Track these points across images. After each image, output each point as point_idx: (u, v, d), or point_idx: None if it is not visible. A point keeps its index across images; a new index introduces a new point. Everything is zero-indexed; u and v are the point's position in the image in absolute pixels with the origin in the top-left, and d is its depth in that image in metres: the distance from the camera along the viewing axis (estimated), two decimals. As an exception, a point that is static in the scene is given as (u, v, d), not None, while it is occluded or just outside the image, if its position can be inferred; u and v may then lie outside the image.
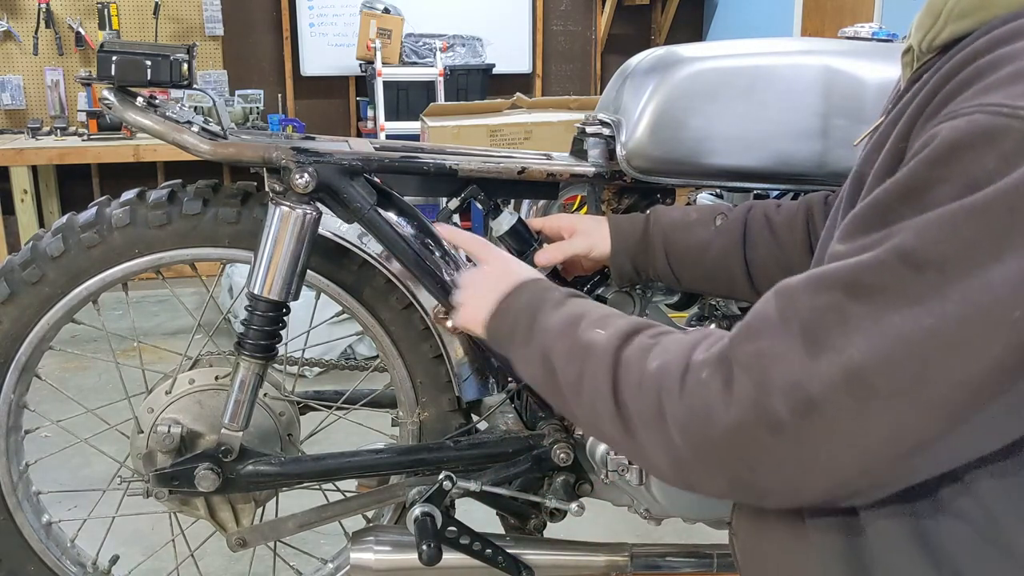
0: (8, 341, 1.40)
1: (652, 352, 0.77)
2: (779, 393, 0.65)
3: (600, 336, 0.82)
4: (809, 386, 0.64)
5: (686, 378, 0.71)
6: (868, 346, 0.62)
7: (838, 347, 0.63)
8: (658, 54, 1.42)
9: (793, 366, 0.65)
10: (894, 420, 0.63)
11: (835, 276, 0.66)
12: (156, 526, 1.99)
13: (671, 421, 0.72)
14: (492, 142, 3.55)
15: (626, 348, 0.79)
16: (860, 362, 0.62)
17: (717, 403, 0.68)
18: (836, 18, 4.26)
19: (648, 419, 0.74)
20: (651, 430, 0.74)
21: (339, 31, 5.19)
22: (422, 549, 1.28)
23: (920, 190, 0.64)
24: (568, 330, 0.86)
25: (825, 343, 0.64)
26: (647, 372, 0.75)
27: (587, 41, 5.69)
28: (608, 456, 1.31)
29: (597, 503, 1.46)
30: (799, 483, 0.68)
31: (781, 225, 1.22)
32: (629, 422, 0.76)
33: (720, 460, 0.70)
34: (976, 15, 0.72)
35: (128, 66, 1.23)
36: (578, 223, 1.32)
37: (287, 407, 1.48)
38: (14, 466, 1.48)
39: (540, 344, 0.89)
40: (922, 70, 0.80)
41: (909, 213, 0.64)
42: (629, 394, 0.76)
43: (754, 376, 0.67)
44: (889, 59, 1.35)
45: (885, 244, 0.64)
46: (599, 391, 0.79)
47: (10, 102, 4.81)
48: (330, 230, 1.40)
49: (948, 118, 0.65)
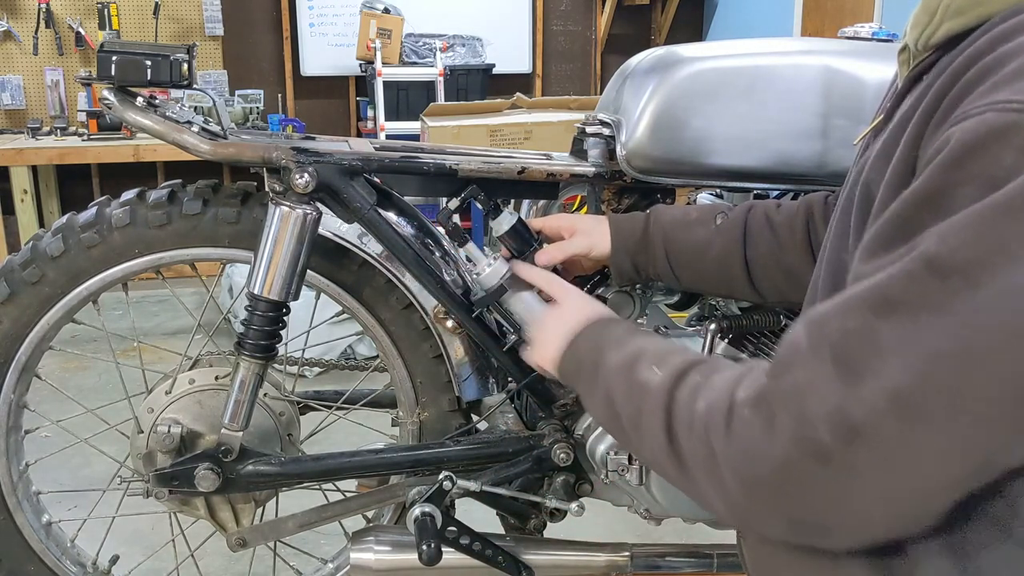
0: (8, 341, 1.40)
1: (701, 391, 0.76)
2: (821, 423, 0.63)
3: (656, 376, 0.82)
4: (851, 413, 0.62)
5: (731, 418, 0.70)
6: (905, 366, 0.60)
7: (875, 370, 0.61)
8: (658, 54, 1.42)
9: (830, 395, 0.63)
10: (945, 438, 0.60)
11: (861, 297, 0.65)
12: (156, 526, 1.99)
13: (722, 463, 0.70)
14: (492, 142, 3.55)
15: (679, 388, 0.78)
16: (900, 384, 0.60)
17: (762, 442, 0.67)
18: (836, 18, 4.26)
19: (701, 461, 0.73)
20: (705, 472, 0.73)
21: (339, 31, 5.19)
22: (422, 549, 1.28)
23: (939, 196, 0.63)
24: (627, 369, 0.86)
25: (860, 368, 0.62)
26: (696, 413, 0.74)
27: (587, 41, 5.69)
28: (608, 456, 1.31)
29: (597, 503, 1.46)
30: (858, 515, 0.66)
31: (781, 225, 1.22)
32: (684, 463, 0.76)
33: (774, 499, 0.68)
34: (973, 11, 0.72)
35: (128, 66, 1.23)
36: (578, 223, 1.32)
37: (287, 407, 1.48)
38: (14, 466, 1.48)
39: (604, 385, 0.90)
40: (919, 68, 0.80)
41: (930, 221, 0.62)
42: (682, 435, 0.76)
43: (792, 410, 0.65)
44: (889, 59, 1.34)
45: (908, 255, 0.62)
46: (654, 431, 0.79)
47: (10, 102, 4.81)
48: (330, 230, 1.40)
49: (958, 120, 0.65)
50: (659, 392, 0.80)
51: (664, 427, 0.78)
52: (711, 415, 0.72)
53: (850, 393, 0.62)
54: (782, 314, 1.41)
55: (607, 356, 0.91)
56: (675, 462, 0.77)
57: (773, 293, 1.25)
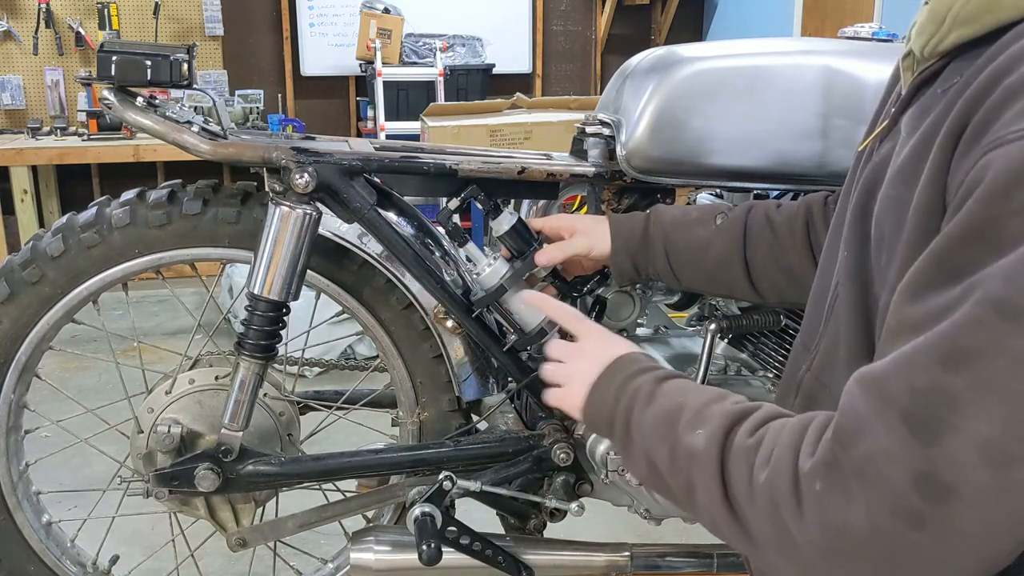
0: (8, 341, 1.40)
1: (757, 458, 0.73)
2: (908, 489, 0.61)
3: (700, 441, 0.78)
4: (940, 472, 0.60)
5: (801, 494, 0.68)
6: (989, 416, 0.59)
7: (955, 426, 0.60)
8: (658, 54, 1.42)
9: (911, 459, 0.61)
10: None
11: (924, 352, 0.62)
12: (156, 526, 1.99)
13: (800, 539, 0.68)
14: (492, 142, 3.55)
15: (729, 455, 0.76)
16: (987, 434, 0.59)
17: (844, 515, 0.64)
18: (836, 18, 4.26)
19: (771, 536, 0.70)
20: (778, 547, 0.70)
21: (339, 31, 5.19)
22: (422, 549, 1.28)
23: (989, 230, 0.61)
24: (667, 433, 0.83)
25: (939, 426, 0.60)
26: (757, 487, 0.71)
27: (587, 41, 5.69)
28: (608, 456, 1.31)
29: (597, 503, 1.46)
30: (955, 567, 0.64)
31: (781, 225, 1.22)
32: (751, 536, 0.73)
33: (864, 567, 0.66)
34: (982, 20, 0.71)
35: (128, 66, 1.23)
36: (578, 223, 1.32)
37: (287, 407, 1.48)
38: (14, 466, 1.48)
39: (642, 447, 0.86)
40: (925, 75, 0.79)
41: (984, 258, 0.61)
42: (745, 509, 0.73)
43: (872, 480, 0.63)
44: (889, 59, 1.35)
45: (971, 299, 0.60)
46: (714, 505, 0.76)
47: (10, 102, 4.81)
48: (330, 230, 1.40)
49: (992, 147, 0.63)
50: (708, 461, 0.76)
51: (723, 501, 0.75)
52: (775, 490, 0.69)
53: (934, 453, 0.60)
54: (782, 314, 1.42)
55: (639, 415, 0.88)
56: (741, 535, 0.74)
57: (773, 293, 1.25)
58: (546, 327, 1.31)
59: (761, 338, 1.48)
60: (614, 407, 0.91)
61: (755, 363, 1.50)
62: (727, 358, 1.53)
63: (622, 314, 1.48)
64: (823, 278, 0.97)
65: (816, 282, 1.00)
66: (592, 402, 0.95)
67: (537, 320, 1.32)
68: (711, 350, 1.36)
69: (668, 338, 1.58)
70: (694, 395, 0.85)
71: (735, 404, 0.81)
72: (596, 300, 1.45)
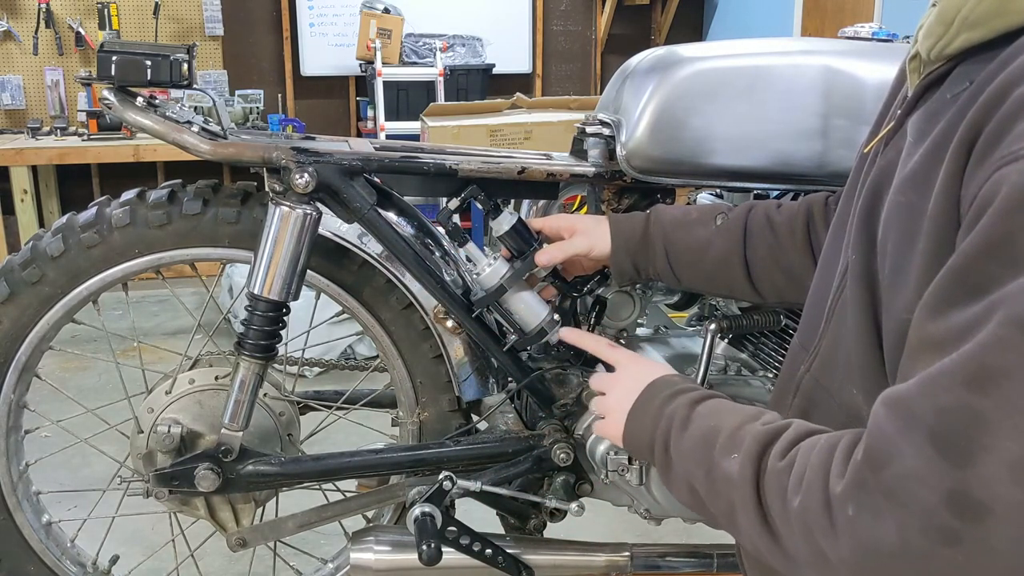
0: (8, 341, 1.40)
1: (789, 482, 0.74)
2: (941, 509, 0.62)
3: (735, 466, 0.80)
4: (972, 491, 0.60)
5: (834, 517, 0.69)
6: (1018, 435, 0.59)
7: (985, 445, 0.60)
8: (658, 54, 1.42)
9: (942, 480, 0.61)
10: None
11: (950, 373, 0.62)
12: (156, 526, 1.99)
13: (835, 561, 0.69)
14: (492, 142, 3.55)
15: (763, 479, 0.78)
16: (1018, 454, 0.59)
17: (878, 537, 0.65)
18: (836, 18, 4.26)
19: (808, 557, 0.72)
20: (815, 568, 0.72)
21: (339, 31, 5.19)
22: (422, 549, 1.28)
23: (1006, 246, 0.61)
24: (703, 459, 0.85)
25: (968, 446, 0.61)
26: (792, 511, 0.73)
27: (587, 41, 5.69)
28: (608, 456, 1.31)
29: (597, 503, 1.46)
30: None
31: (782, 225, 1.22)
32: (790, 557, 0.75)
33: None
34: (991, 24, 0.70)
35: (128, 66, 1.23)
36: (578, 223, 1.32)
37: (287, 407, 1.48)
38: (14, 466, 1.48)
39: (681, 472, 0.89)
40: (932, 77, 0.79)
41: (1003, 274, 0.61)
42: (783, 531, 0.75)
43: (904, 501, 0.64)
44: (889, 59, 1.35)
45: (994, 319, 0.60)
46: (752, 527, 0.78)
47: (10, 102, 4.81)
48: (330, 230, 1.40)
49: (1006, 162, 0.63)
50: (744, 487, 0.79)
51: (761, 525, 0.77)
52: (809, 514, 0.71)
53: (965, 474, 0.61)
54: (782, 314, 1.41)
55: (676, 439, 0.90)
56: (782, 557, 0.76)
57: (773, 293, 1.25)
58: (546, 327, 1.31)
59: (761, 338, 1.48)
60: (652, 432, 0.94)
61: (755, 363, 1.50)
62: (727, 358, 1.53)
63: (622, 314, 1.48)
64: (823, 278, 0.97)
65: (816, 282, 1.00)
66: (631, 430, 0.99)
67: (537, 320, 1.32)
68: (711, 350, 1.36)
69: (668, 338, 1.58)
70: (728, 417, 0.87)
71: (765, 425, 0.83)
72: (596, 300, 1.45)
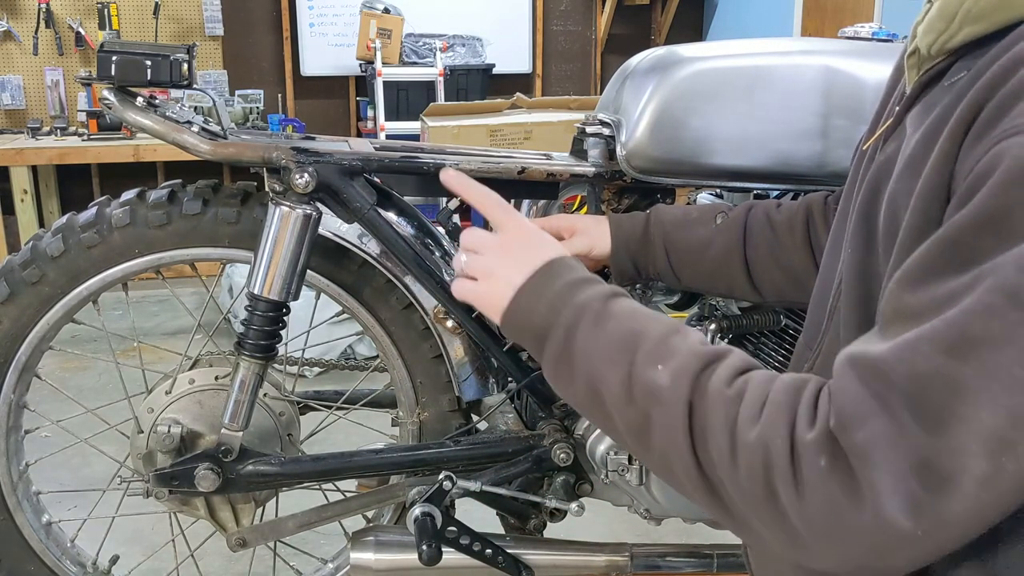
0: (8, 341, 1.40)
1: (741, 412, 0.69)
2: (911, 476, 0.60)
3: (664, 379, 0.73)
4: (941, 461, 0.59)
5: (799, 465, 0.65)
6: (995, 405, 0.58)
7: (962, 415, 0.58)
8: (658, 54, 1.42)
9: (915, 446, 0.60)
10: None
11: (928, 338, 0.61)
12: (156, 526, 1.99)
13: (792, 512, 0.65)
14: (492, 142, 3.55)
15: (703, 400, 0.71)
16: (992, 426, 0.58)
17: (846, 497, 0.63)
18: (836, 18, 4.26)
19: (755, 499, 0.67)
20: (760, 511, 0.67)
21: (339, 31, 5.19)
22: (422, 549, 1.28)
23: (1002, 218, 0.60)
24: (620, 361, 0.76)
25: (943, 414, 0.59)
26: (743, 443, 0.67)
27: (587, 41, 5.69)
28: (608, 456, 1.31)
29: (597, 503, 1.46)
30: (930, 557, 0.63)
31: (781, 225, 1.22)
32: (721, 491, 0.70)
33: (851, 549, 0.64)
34: (993, 17, 0.70)
35: (128, 66, 1.24)
36: (578, 223, 1.32)
37: (287, 407, 1.48)
38: (14, 466, 1.48)
39: (584, 371, 0.79)
40: (931, 73, 0.79)
41: (995, 246, 0.59)
42: (720, 463, 0.69)
43: (875, 465, 0.61)
44: (889, 59, 1.35)
45: (980, 287, 0.59)
46: (674, 449, 0.71)
47: (10, 102, 4.81)
48: (330, 230, 1.40)
49: (1006, 136, 0.62)
50: (673, 402, 0.72)
51: (689, 447, 0.71)
52: (770, 454, 0.66)
53: (937, 442, 0.59)
54: (782, 314, 1.42)
55: (585, 333, 0.79)
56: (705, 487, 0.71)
57: (773, 293, 1.25)
58: None
59: (761, 338, 1.48)
60: (551, 319, 0.82)
61: (755, 363, 1.49)
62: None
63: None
64: (825, 278, 0.97)
65: (818, 282, 1.00)
66: (519, 307, 0.85)
67: None
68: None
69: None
70: (651, 324, 0.78)
71: (702, 344, 0.76)
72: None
